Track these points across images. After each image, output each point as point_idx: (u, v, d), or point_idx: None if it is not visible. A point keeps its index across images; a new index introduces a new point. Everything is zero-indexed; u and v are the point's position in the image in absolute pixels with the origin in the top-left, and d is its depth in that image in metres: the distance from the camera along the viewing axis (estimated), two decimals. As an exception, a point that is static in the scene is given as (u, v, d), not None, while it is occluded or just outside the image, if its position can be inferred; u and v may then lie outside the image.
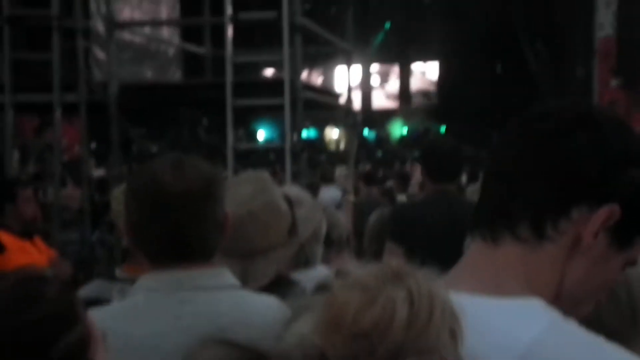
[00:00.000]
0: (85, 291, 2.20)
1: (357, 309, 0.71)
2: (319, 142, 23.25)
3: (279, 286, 1.73)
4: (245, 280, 1.66)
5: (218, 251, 1.53)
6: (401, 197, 6.65)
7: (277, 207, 1.79)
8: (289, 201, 1.85)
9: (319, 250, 2.12)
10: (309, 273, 2.02)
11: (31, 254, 4.43)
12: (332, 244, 2.31)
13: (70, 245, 5.87)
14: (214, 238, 1.48)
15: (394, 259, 2.74)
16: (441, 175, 3.34)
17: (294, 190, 2.02)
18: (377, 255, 3.42)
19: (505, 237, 0.90)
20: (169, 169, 1.44)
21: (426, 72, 26.56)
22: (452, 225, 3.26)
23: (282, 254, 1.79)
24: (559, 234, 0.88)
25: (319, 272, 2.06)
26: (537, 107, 0.97)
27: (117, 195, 2.32)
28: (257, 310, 1.48)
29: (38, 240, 4.71)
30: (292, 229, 1.81)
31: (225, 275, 1.49)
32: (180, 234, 1.44)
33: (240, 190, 1.77)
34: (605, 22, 15.42)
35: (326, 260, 2.21)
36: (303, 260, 2.05)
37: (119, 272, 2.18)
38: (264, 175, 1.87)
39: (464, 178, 4.79)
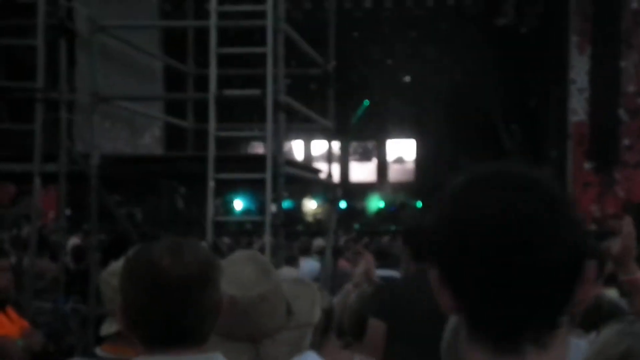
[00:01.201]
0: None
1: None
2: (296, 214, 23.26)
3: None
4: None
5: (222, 335, 1.52)
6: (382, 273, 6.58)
7: (281, 289, 1.79)
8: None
9: (310, 334, 2.12)
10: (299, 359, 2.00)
11: (3, 325, 4.34)
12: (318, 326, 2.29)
13: (43, 315, 5.75)
14: (209, 322, 1.47)
15: (377, 337, 2.70)
16: (424, 255, 3.28)
17: (290, 273, 2.03)
18: (357, 335, 3.39)
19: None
20: (167, 253, 1.45)
21: (402, 152, 27.00)
22: (435, 304, 3.23)
23: (286, 335, 1.77)
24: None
25: (308, 358, 2.04)
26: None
27: (106, 277, 2.29)
28: None
29: (10, 310, 4.62)
30: (289, 310, 1.81)
31: None
32: (176, 319, 1.43)
33: (242, 272, 1.76)
34: (578, 107, 15.92)
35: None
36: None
37: (98, 350, 2.14)
38: (258, 254, 1.87)
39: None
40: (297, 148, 24.96)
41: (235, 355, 1.56)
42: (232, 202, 21.18)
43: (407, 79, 22.86)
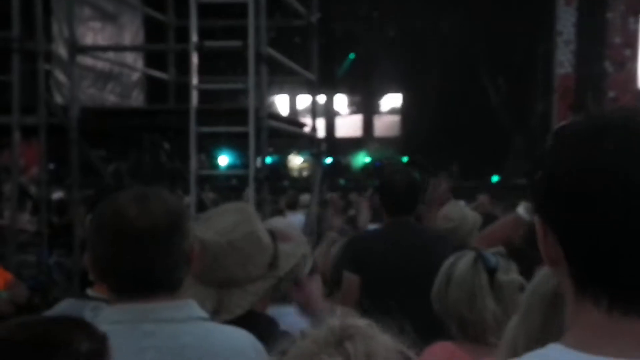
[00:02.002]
0: (57, 310, 2.16)
1: None
2: (282, 169, 23.28)
3: (249, 321, 1.70)
4: (220, 309, 1.66)
5: (195, 279, 1.52)
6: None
7: (258, 238, 1.77)
8: (272, 234, 1.83)
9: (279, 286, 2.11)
10: (282, 310, 1.99)
11: (-14, 277, 4.35)
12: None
13: (27, 268, 5.76)
14: (179, 271, 1.47)
15: (351, 289, 2.74)
16: (397, 209, 3.37)
17: (281, 223, 2.01)
18: (338, 284, 3.42)
19: None
20: (133, 203, 1.44)
21: (388, 106, 26.93)
22: (408, 254, 3.29)
23: (259, 286, 1.76)
24: None
25: (289, 312, 2.03)
26: None
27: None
28: (224, 342, 1.46)
29: (-7, 263, 4.62)
30: (273, 263, 1.79)
31: (191, 308, 1.48)
32: (145, 269, 1.43)
33: (223, 220, 1.76)
34: (564, 59, 15.88)
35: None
36: (279, 296, 2.02)
37: (90, 291, 2.15)
38: (248, 206, 1.87)
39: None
40: (282, 103, 24.81)
41: (199, 300, 1.55)
42: (218, 158, 21.14)
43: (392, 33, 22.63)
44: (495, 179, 21.77)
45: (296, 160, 24.37)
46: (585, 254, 0.85)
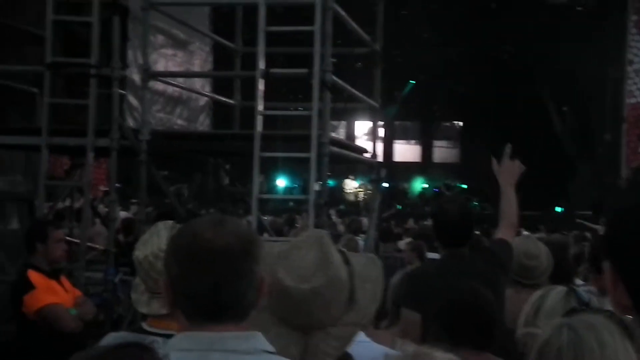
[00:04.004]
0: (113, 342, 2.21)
1: None
2: (338, 193, 23.30)
3: None
4: (305, 356, 1.66)
5: (279, 320, 1.55)
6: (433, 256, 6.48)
7: (339, 281, 1.72)
8: (345, 257, 1.77)
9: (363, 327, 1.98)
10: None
11: (58, 293, 4.52)
12: None
13: (93, 285, 5.94)
14: (250, 297, 1.50)
15: (409, 328, 2.65)
16: (451, 240, 3.28)
17: (360, 260, 1.89)
18: (397, 316, 3.37)
19: None
20: (209, 226, 1.50)
21: (447, 133, 26.62)
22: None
23: (344, 332, 1.72)
24: None
25: (359, 338, 1.94)
26: None
27: (159, 255, 2.35)
28: None
29: (64, 279, 4.80)
30: (351, 297, 1.75)
31: (257, 340, 1.50)
32: (218, 290, 1.47)
33: (303, 260, 1.71)
34: (634, 89, 15.52)
35: None
36: None
37: (145, 325, 2.21)
38: (324, 238, 1.79)
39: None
40: (340, 127, 24.91)
41: (284, 344, 1.57)
42: (273, 180, 21.34)
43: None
44: (558, 209, 21.17)
45: (352, 184, 24.39)
46: None
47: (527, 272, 3.42)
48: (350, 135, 24.66)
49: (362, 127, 24.35)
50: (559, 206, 21.19)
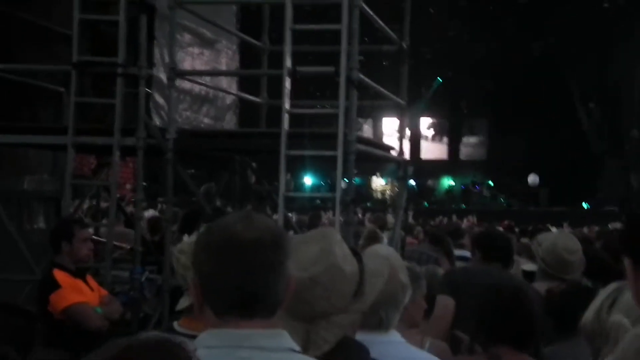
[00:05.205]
0: None
1: None
2: (365, 190, 23.27)
3: (339, 347, 1.72)
4: (307, 345, 1.67)
5: (283, 311, 1.54)
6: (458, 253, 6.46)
7: (339, 270, 1.76)
8: (358, 256, 1.81)
9: (396, 315, 2.10)
10: (375, 337, 2.00)
11: (84, 292, 4.54)
12: None
13: (120, 284, 5.96)
14: (280, 291, 1.49)
15: (441, 311, 2.71)
16: (492, 259, 3.60)
17: (375, 260, 1.95)
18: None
19: None
20: (239, 220, 1.50)
21: (475, 130, 26.51)
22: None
23: (346, 319, 1.76)
24: None
25: (391, 338, 2.05)
26: None
27: (176, 254, 2.35)
28: None
29: (90, 278, 4.82)
30: (359, 291, 1.78)
31: (284, 338, 1.50)
32: (248, 281, 1.46)
33: (306, 251, 1.77)
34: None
35: None
36: (375, 322, 2.03)
37: (176, 325, 2.21)
38: (331, 233, 1.86)
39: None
40: (366, 124, 24.84)
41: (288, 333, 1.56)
42: (300, 178, 21.37)
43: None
44: (585, 205, 20.99)
45: (379, 182, 24.33)
46: None
47: (567, 268, 3.52)
48: (378, 133, 24.58)
49: (388, 125, 24.24)
50: (586, 202, 20.95)
